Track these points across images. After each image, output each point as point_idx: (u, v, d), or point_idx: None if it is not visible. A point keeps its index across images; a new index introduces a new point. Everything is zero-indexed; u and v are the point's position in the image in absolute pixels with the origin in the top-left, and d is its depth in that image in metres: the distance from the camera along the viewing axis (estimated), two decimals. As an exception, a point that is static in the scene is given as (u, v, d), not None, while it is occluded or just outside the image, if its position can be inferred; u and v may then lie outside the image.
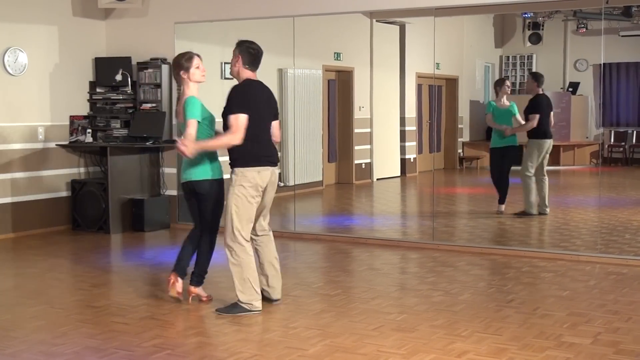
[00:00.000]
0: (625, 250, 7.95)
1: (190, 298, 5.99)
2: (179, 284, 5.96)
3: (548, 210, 9.62)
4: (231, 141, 5.54)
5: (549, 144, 9.60)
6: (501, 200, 9.80)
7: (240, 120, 5.50)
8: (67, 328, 5.35)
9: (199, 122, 5.63)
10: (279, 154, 6.18)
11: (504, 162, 9.87)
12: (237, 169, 5.62)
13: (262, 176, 5.63)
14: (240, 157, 5.61)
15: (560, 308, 5.81)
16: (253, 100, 5.61)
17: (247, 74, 5.67)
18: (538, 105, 9.62)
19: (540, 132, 9.56)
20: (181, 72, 5.79)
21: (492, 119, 9.95)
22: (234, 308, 5.68)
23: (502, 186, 9.84)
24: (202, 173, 5.79)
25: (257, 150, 5.62)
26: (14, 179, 9.16)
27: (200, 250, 6.00)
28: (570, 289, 6.54)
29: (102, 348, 4.89)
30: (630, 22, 12.22)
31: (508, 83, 10.29)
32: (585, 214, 9.69)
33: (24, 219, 9.22)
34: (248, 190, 5.59)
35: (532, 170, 9.52)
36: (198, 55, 5.89)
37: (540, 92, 9.69)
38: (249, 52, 5.67)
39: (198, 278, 6.01)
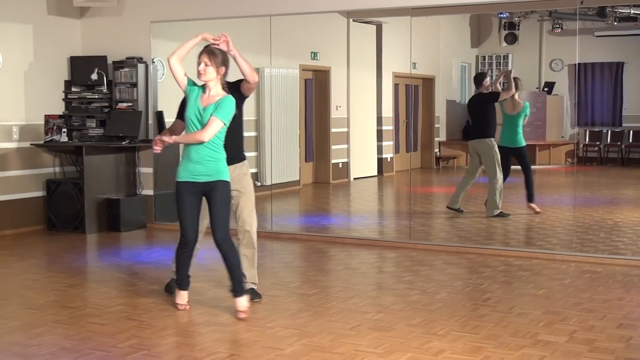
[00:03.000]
0: (600, 248, 8.01)
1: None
2: None
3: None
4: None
5: None
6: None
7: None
8: (42, 329, 5.30)
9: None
10: (255, 153, 6.13)
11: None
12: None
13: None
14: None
15: (535, 306, 5.84)
16: None
17: None
18: None
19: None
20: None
21: None
22: None
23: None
24: None
25: None
26: (-12, 179, 9.09)
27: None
28: (545, 287, 6.58)
29: (78, 349, 4.85)
30: (605, 23, 12.32)
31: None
32: (560, 212, 9.76)
33: (-2, 219, 9.15)
34: None
35: None
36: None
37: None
38: None
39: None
